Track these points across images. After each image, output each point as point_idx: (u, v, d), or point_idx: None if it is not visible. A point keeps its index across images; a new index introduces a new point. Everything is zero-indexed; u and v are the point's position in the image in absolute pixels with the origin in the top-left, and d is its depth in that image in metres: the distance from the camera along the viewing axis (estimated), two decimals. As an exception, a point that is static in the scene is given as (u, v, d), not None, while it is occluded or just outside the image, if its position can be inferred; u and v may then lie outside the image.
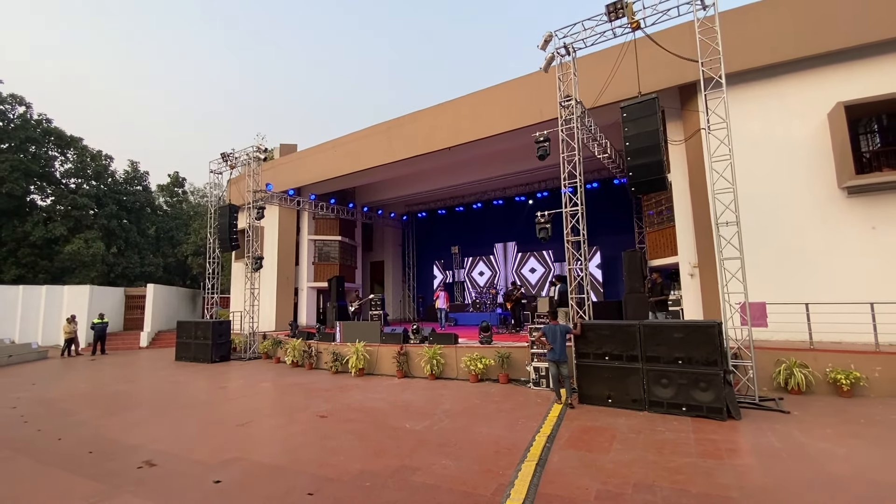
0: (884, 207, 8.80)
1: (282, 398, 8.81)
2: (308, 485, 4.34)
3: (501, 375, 9.36)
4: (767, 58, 9.65)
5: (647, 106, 7.89)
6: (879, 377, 7.33)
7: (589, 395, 7.37)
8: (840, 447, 5.03)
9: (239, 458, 5.16)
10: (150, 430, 6.64)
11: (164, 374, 12.20)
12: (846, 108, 8.75)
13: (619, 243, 16.88)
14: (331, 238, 20.41)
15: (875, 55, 8.97)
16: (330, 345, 11.97)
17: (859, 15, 8.91)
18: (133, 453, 5.46)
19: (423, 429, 6.21)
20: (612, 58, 9.31)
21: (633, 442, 5.40)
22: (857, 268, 8.78)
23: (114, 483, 4.53)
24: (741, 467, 4.52)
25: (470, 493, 4.06)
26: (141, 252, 27.75)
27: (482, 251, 21.86)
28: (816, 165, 9.31)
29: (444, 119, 14.45)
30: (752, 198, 9.20)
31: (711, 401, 6.29)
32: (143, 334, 20.37)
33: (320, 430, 6.28)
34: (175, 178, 32.61)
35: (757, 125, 9.76)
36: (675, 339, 6.63)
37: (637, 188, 8.07)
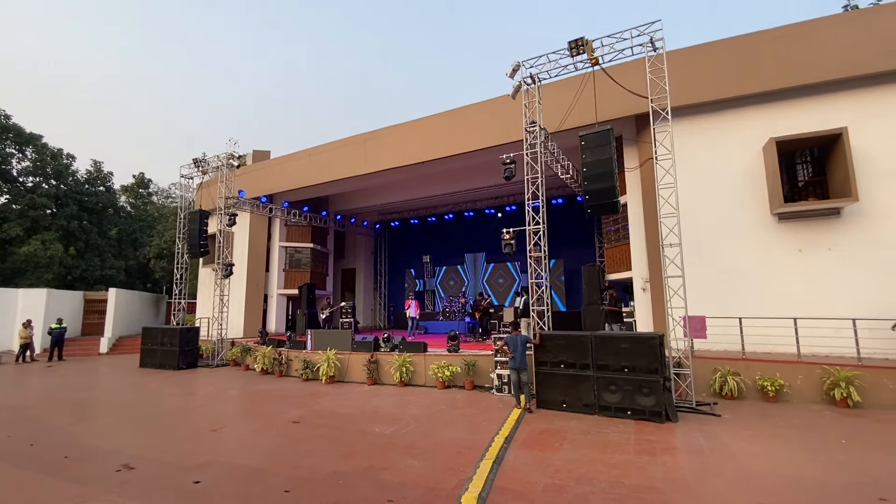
0: (809, 232, 9.89)
1: (253, 405, 9.03)
2: (284, 484, 4.71)
3: (467, 382, 9.89)
4: (710, 94, 10.68)
5: (603, 136, 8.66)
6: (801, 384, 8.28)
7: (546, 400, 7.99)
8: (757, 446, 5.79)
9: (216, 461, 5.46)
10: (123, 436, 6.79)
11: (130, 382, 12.09)
12: (777, 143, 9.83)
13: (582, 256, 17.82)
14: (302, 245, 20.50)
15: (803, 96, 10.11)
16: (301, 352, 12.20)
17: (789, 60, 10.05)
18: (110, 458, 5.66)
19: (391, 433, 6.64)
20: (576, 86, 10.09)
21: (581, 442, 6.01)
22: (786, 286, 9.81)
23: (95, 485, 4.76)
24: (670, 463, 5.19)
25: (433, 488, 4.54)
26: (102, 254, 26.87)
27: (453, 261, 22.43)
28: (752, 193, 10.36)
29: (419, 134, 14.99)
30: (696, 221, 10.14)
31: (652, 405, 7.01)
32: (104, 340, 19.83)
33: (293, 435, 6.62)
34: (140, 180, 31.74)
35: (701, 155, 10.75)
36: (622, 349, 7.35)
37: (592, 210, 8.83)
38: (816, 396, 8.05)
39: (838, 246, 9.59)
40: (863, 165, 9.38)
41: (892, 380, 7.70)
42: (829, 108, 9.85)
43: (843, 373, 7.74)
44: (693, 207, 10.15)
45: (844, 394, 7.60)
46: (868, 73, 9.52)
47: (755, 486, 4.50)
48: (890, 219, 9.22)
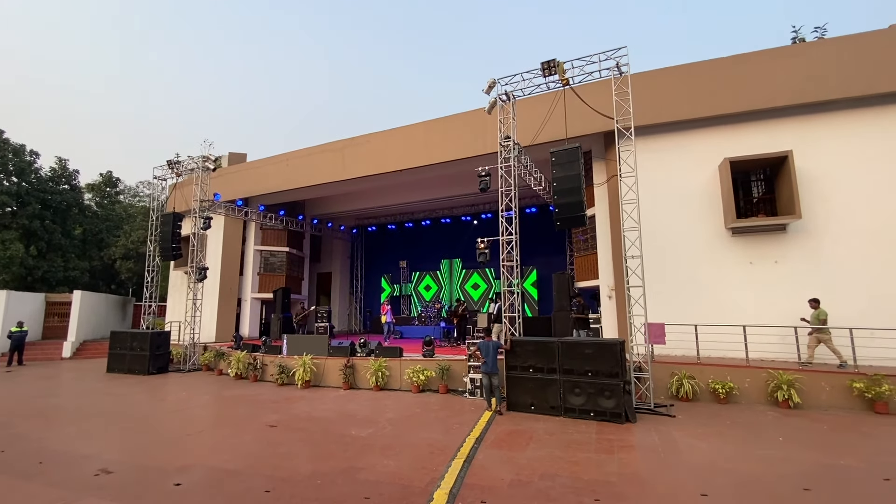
0: (758, 246, 10.70)
1: (230, 409, 9.10)
2: (265, 484, 4.92)
3: (441, 386, 10.22)
4: (672, 115, 11.43)
5: (572, 153, 9.19)
6: (749, 387, 8.96)
7: (516, 402, 8.40)
8: (704, 443, 6.35)
9: (195, 465, 5.61)
10: (97, 441, 6.81)
11: (99, 387, 11.88)
12: (731, 163, 10.62)
13: (554, 263, 18.45)
14: (278, 249, 20.43)
15: (755, 120, 10.95)
16: (276, 357, 12.26)
17: (743, 87, 10.88)
18: (86, 462, 5.72)
19: (367, 435, 6.90)
20: (548, 102, 10.63)
21: (546, 442, 6.44)
22: (738, 296, 10.58)
23: (75, 488, 4.85)
24: (625, 459, 5.66)
25: (407, 486, 4.85)
26: (65, 255, 25.95)
27: (429, 266, 22.75)
28: (709, 208, 11.12)
29: (398, 143, 15.30)
30: (659, 233, 10.84)
31: (613, 407, 7.51)
32: (67, 344, 19.20)
33: (271, 438, 6.79)
34: (107, 178, 30.77)
35: (663, 171, 11.46)
36: (586, 355, 7.84)
37: (561, 223, 9.34)
38: (762, 398, 8.74)
39: (784, 259, 10.42)
40: (806, 185, 10.26)
41: (828, 383, 8.46)
42: (777, 132, 10.71)
43: (785, 376, 8.46)
44: (656, 220, 10.85)
45: (786, 395, 8.31)
46: (812, 102, 10.42)
47: (697, 478, 5.00)
48: (828, 235, 10.11)
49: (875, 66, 10.04)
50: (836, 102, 10.33)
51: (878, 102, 10.16)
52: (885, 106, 10.13)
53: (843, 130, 10.33)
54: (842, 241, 10.03)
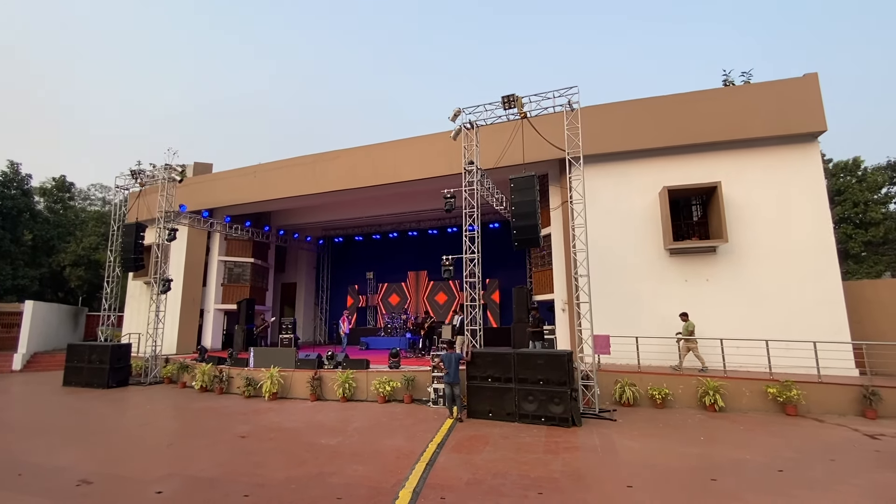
0: (693, 266, 11.96)
1: (199, 421, 9.31)
2: (242, 490, 5.37)
3: (406, 396, 10.78)
4: (618, 146, 12.62)
5: (528, 181, 10.07)
6: (681, 393, 10.04)
7: (475, 410, 9.10)
8: (636, 443, 7.24)
9: (173, 474, 5.95)
10: (68, 454, 6.96)
11: (58, 400, 11.70)
12: (668, 191, 11.86)
13: (515, 276, 19.44)
14: (243, 259, 20.40)
15: (690, 153, 12.28)
16: (243, 370, 12.45)
17: (678, 122, 12.19)
18: (64, 474, 5.94)
19: (336, 443, 7.40)
20: (511, 128, 11.48)
21: (501, 445, 7.15)
22: (675, 310, 11.72)
23: (59, 499, 5.13)
24: (568, 459, 6.45)
25: (375, 487, 5.42)
26: (14, 262, 24.70)
27: (396, 278, 23.26)
28: (650, 230, 12.32)
29: (368, 160, 15.86)
30: (606, 252, 11.92)
31: (561, 412, 8.34)
32: (17, 356, 18.42)
33: (243, 448, 7.17)
34: (60, 183, 29.49)
35: (611, 195, 12.60)
36: (538, 365, 8.65)
37: (519, 244, 10.20)
38: (693, 402, 9.84)
39: (714, 277, 11.71)
40: (733, 212, 11.61)
41: (748, 388, 9.64)
42: (709, 164, 12.05)
43: (712, 383, 9.58)
44: (605, 240, 11.95)
45: (712, 400, 9.42)
46: (738, 139, 11.82)
47: (626, 472, 5.84)
48: (751, 257, 11.47)
49: (792, 110, 11.52)
50: (758, 140, 11.78)
51: (794, 141, 11.66)
52: (800, 144, 11.64)
53: (764, 164, 11.78)
54: (762, 262, 11.41)
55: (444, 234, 21.65)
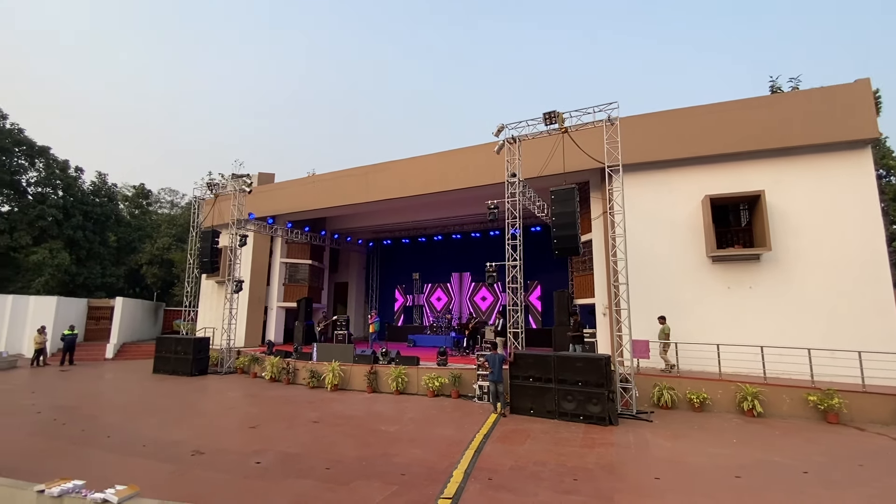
0: (735, 273, 12.11)
1: (275, 407, 10.69)
2: (323, 464, 6.49)
3: (453, 391, 11.73)
4: (659, 154, 12.90)
5: (568, 193, 10.71)
6: (720, 397, 10.35)
7: (518, 406, 9.90)
8: (669, 442, 7.79)
9: (265, 449, 7.19)
10: (178, 430, 8.43)
11: (152, 385, 13.57)
12: (711, 199, 12.07)
13: (556, 279, 19.89)
14: (301, 261, 22.13)
15: (733, 161, 12.39)
16: (307, 363, 13.87)
17: (721, 131, 12.33)
18: (179, 446, 7.33)
19: (395, 430, 8.45)
20: (552, 140, 12.08)
21: (541, 439, 7.93)
22: (716, 317, 11.96)
23: (181, 464, 6.46)
24: (602, 452, 7.14)
25: (432, 467, 6.38)
26: (102, 262, 27.98)
27: (440, 279, 24.31)
28: (692, 238, 12.55)
29: (416, 171, 16.93)
30: (647, 259, 12.31)
31: (599, 412, 8.98)
32: (109, 346, 21.03)
33: (317, 432, 8.37)
34: (140, 190, 32.93)
35: (651, 204, 12.92)
36: (577, 367, 9.32)
37: (559, 252, 10.87)
38: (731, 407, 10.13)
39: (757, 285, 11.82)
40: (778, 220, 11.67)
41: (789, 395, 9.83)
42: (752, 173, 12.13)
43: (751, 389, 9.85)
44: (646, 247, 12.35)
45: (750, 405, 9.70)
46: (783, 147, 11.83)
47: (655, 467, 6.47)
48: (796, 265, 11.49)
49: (842, 116, 11.40)
50: (805, 147, 11.74)
51: (843, 148, 11.53)
52: (849, 151, 11.51)
53: (812, 172, 11.72)
54: (808, 270, 11.40)
55: (486, 238, 22.43)
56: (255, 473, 6.15)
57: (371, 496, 5.31)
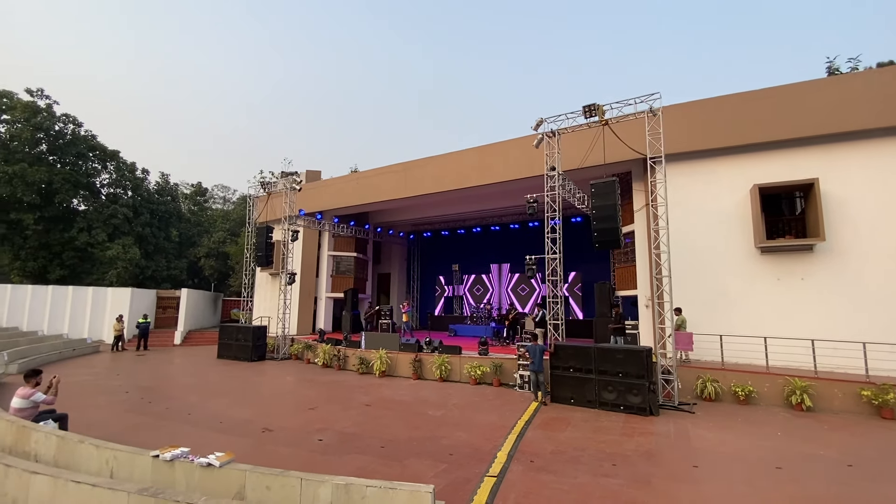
0: (786, 264, 11.76)
1: (329, 391, 11.54)
2: (378, 443, 7.13)
3: (495, 380, 12.18)
4: (704, 143, 12.61)
5: (609, 186, 10.76)
6: (767, 391, 10.23)
7: (558, 396, 10.22)
8: (710, 433, 7.90)
9: (325, 428, 7.94)
10: (246, 410, 9.38)
11: (218, 370, 14.88)
12: (759, 189, 11.73)
13: (597, 270, 19.80)
14: (347, 254, 23.18)
15: (784, 148, 11.95)
16: (356, 350, 14.73)
17: (771, 118, 11.90)
18: (250, 424, 8.22)
19: (441, 415, 9.01)
20: (592, 132, 12.09)
21: (581, 427, 8.25)
22: (765, 309, 11.69)
23: (255, 439, 7.29)
24: (641, 441, 7.38)
25: (477, 449, 6.87)
26: (167, 256, 30.37)
27: (480, 270, 24.72)
28: (739, 228, 12.25)
29: (454, 165, 17.31)
30: (691, 250, 12.17)
31: (639, 402, 9.16)
32: (177, 333, 22.97)
33: (370, 414, 9.07)
34: (198, 188, 35.28)
35: (696, 194, 12.68)
36: (617, 359, 9.51)
37: (600, 245, 10.97)
38: (779, 401, 10.00)
39: (810, 276, 11.44)
40: (834, 209, 11.22)
41: (841, 390, 9.59)
42: (805, 160, 11.67)
43: (800, 382, 9.68)
44: (690, 238, 12.21)
45: (799, 399, 9.55)
46: (840, 132, 11.29)
47: (694, 455, 6.66)
48: (852, 256, 11.03)
49: (903, 97, 10.75)
50: (863, 132, 11.16)
51: (906, 131, 10.89)
52: (913, 135, 10.85)
53: (870, 158, 11.14)
54: (865, 262, 10.92)
55: (525, 229, 22.55)
56: (319, 449, 6.87)
57: (423, 472, 5.87)
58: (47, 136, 24.72)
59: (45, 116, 24.31)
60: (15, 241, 24.42)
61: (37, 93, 24.81)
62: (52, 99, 25.15)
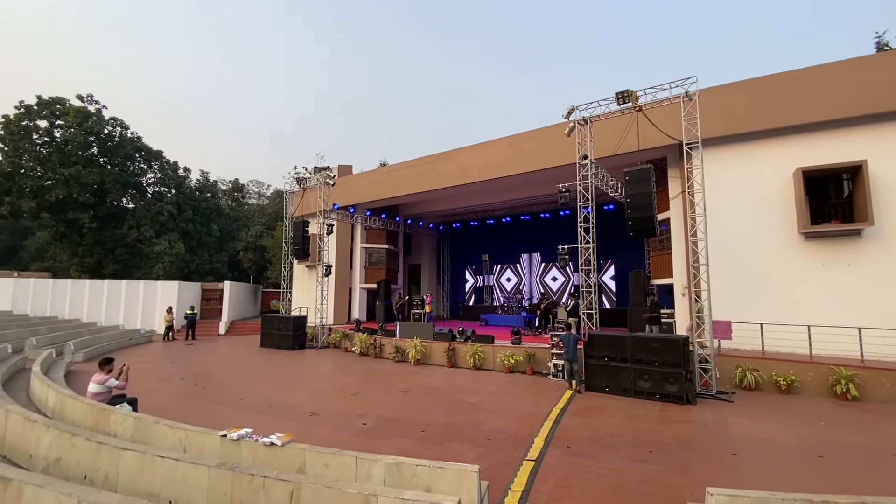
0: (832, 250, 11.34)
1: (368, 378, 12.02)
2: (418, 427, 7.47)
3: (528, 368, 12.36)
4: (744, 126, 12.21)
5: (643, 173, 10.63)
6: (810, 380, 9.99)
7: (592, 384, 10.31)
8: (750, 422, 7.85)
9: (369, 413, 8.36)
10: (293, 395, 9.94)
11: (262, 358, 15.68)
12: (803, 172, 11.30)
13: (631, 258, 19.53)
14: (379, 246, 23.71)
15: (828, 129, 11.44)
16: (391, 339, 15.20)
17: (816, 98, 11.40)
18: (297, 408, 8.73)
19: (477, 401, 9.29)
20: (625, 119, 11.93)
21: (617, 414, 8.35)
22: (809, 297, 11.34)
23: (301, 422, 7.77)
24: (678, 428, 7.43)
25: (514, 434, 7.11)
26: (209, 251, 31.86)
27: (510, 259, 24.78)
28: (781, 214, 11.87)
29: (483, 156, 17.38)
30: (730, 237, 11.90)
31: (676, 391, 9.15)
32: (221, 324, 24.20)
33: (408, 400, 9.45)
34: (235, 185, 36.69)
35: (734, 179, 12.33)
36: (653, 348, 9.51)
37: (634, 234, 10.89)
38: (823, 391, 9.76)
39: (858, 263, 11.00)
40: (884, 192, 10.71)
41: (889, 379, 9.28)
42: (852, 141, 11.15)
43: (845, 372, 9.42)
44: (728, 225, 11.95)
45: (844, 389, 9.30)
46: (888, 111, 10.72)
47: (733, 443, 6.67)
48: (905, 240, 10.52)
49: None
50: (917, 110, 10.55)
51: (969, 106, 10.24)
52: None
53: (927, 137, 10.55)
54: (920, 246, 10.41)
55: (556, 218, 22.41)
56: (364, 432, 7.28)
57: (464, 454, 6.16)
58: (98, 139, 26.28)
59: (94, 120, 25.83)
60: (73, 238, 26.23)
61: (87, 98, 26.34)
62: (100, 104, 26.68)
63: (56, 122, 25.39)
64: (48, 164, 24.42)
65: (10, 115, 24.08)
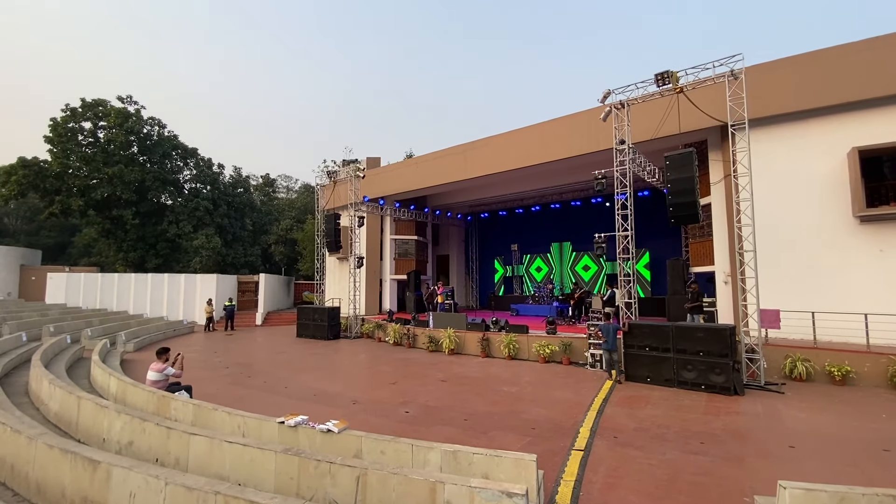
0: (890, 234, 10.70)
1: (405, 368, 12.18)
2: (460, 416, 7.52)
3: (564, 358, 12.24)
4: (794, 105, 11.59)
5: (686, 157, 10.26)
6: (868, 371, 9.52)
7: (633, 375, 10.13)
8: (805, 414, 7.55)
9: (410, 401, 8.47)
10: (334, 384, 10.17)
11: (299, 348, 16.10)
12: (859, 152, 10.66)
13: (667, 246, 19.00)
14: (408, 237, 23.85)
15: (886, 106, 10.73)
16: (425, 330, 15.32)
17: (872, 72, 10.69)
18: (339, 397, 8.93)
19: (515, 391, 9.27)
20: (665, 102, 11.53)
21: (661, 405, 8.18)
22: (865, 283, 10.76)
23: (347, 410, 7.94)
24: (728, 420, 7.22)
25: (558, 424, 7.07)
26: (243, 244, 32.83)
27: (539, 249, 24.49)
28: (833, 196, 11.26)
29: (513, 145, 17.15)
30: (776, 222, 11.39)
31: (723, 382, 8.88)
32: (258, 315, 24.96)
33: (447, 389, 9.52)
34: (266, 179, 37.56)
35: (784, 160, 11.75)
36: (697, 338, 9.24)
37: (676, 221, 10.57)
38: (882, 382, 9.28)
39: (920, 247, 10.34)
40: (951, 171, 9.99)
41: (958, 370, 8.74)
42: (916, 117, 10.41)
43: (907, 362, 8.93)
44: (775, 209, 11.43)
45: (906, 380, 8.83)
46: (960, 83, 9.96)
47: (789, 436, 6.43)
48: (975, 222, 9.82)
49: None
50: None
51: None
52: None
53: None
54: None
55: (587, 206, 21.93)
56: (407, 420, 7.38)
57: (510, 444, 6.16)
58: (138, 139, 27.32)
59: (134, 121, 26.83)
60: (117, 234, 27.48)
61: (126, 99, 27.36)
62: (139, 104, 27.70)
63: (99, 124, 26.51)
64: (93, 163, 25.59)
65: (57, 118, 25.29)
